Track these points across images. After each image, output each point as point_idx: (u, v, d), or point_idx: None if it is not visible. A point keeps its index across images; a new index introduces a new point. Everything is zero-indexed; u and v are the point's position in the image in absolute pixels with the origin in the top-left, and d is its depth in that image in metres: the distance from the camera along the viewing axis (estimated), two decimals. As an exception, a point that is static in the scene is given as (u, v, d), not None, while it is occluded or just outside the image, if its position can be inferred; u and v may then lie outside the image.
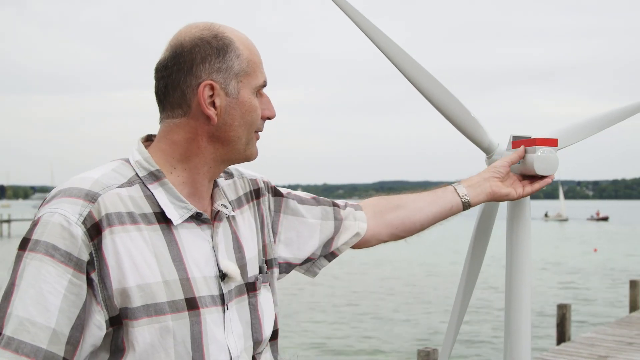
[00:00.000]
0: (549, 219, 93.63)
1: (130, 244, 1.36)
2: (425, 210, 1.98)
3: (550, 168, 2.01)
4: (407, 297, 21.57)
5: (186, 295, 1.40)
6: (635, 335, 11.78)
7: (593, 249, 39.97)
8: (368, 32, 2.07)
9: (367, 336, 15.69)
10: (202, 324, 1.42)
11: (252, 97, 1.52)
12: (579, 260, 33.32)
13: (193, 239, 1.47)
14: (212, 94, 1.47)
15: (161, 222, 1.43)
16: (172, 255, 1.41)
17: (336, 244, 1.88)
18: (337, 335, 15.70)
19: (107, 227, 1.34)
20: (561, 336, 12.21)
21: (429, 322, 17.21)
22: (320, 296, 21.65)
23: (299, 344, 14.63)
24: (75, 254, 1.30)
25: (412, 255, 34.76)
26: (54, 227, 1.31)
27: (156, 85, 1.51)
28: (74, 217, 1.32)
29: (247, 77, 1.51)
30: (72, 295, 1.29)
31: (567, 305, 12.43)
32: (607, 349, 10.70)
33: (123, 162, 1.49)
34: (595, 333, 12.06)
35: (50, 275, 1.28)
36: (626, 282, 18.60)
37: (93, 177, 1.41)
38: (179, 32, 1.51)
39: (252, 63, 1.52)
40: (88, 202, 1.35)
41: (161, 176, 1.47)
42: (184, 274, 1.42)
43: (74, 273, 1.30)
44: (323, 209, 1.88)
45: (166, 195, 1.45)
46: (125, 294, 1.34)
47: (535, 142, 2.02)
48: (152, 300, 1.36)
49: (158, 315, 1.36)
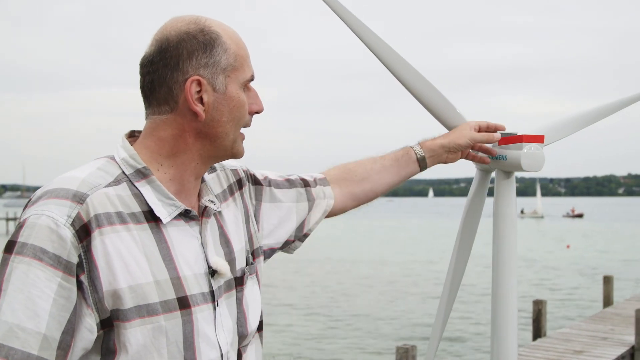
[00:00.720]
0: (525, 216, 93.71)
1: (120, 245, 1.33)
2: (388, 180, 2.04)
3: (536, 164, 2.02)
4: (386, 294, 21.64)
5: (178, 295, 1.38)
6: (609, 330, 11.96)
7: (566, 245, 40.40)
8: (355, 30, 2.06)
9: (346, 334, 15.72)
10: (193, 322, 1.40)
11: (239, 92, 1.49)
12: (554, 256, 33.68)
13: (182, 237, 1.45)
14: (200, 90, 1.44)
15: (150, 221, 1.40)
16: (162, 255, 1.39)
17: (308, 224, 1.90)
18: (316, 334, 15.70)
19: (96, 229, 1.31)
20: (537, 332, 12.34)
21: (408, 319, 17.28)
22: (298, 295, 21.65)
23: (278, 342, 14.61)
24: (65, 257, 1.27)
25: (390, 252, 34.89)
26: (42, 229, 1.27)
27: (141, 81, 1.47)
28: (62, 219, 1.28)
29: (235, 72, 1.48)
30: (62, 299, 1.26)
31: (542, 301, 12.57)
32: (582, 344, 10.85)
33: (108, 160, 1.45)
34: (570, 328, 12.22)
35: (39, 279, 1.25)
36: (600, 278, 18.83)
37: (79, 176, 1.37)
38: (164, 25, 1.47)
39: (240, 57, 1.49)
40: (76, 203, 1.31)
41: (148, 174, 1.44)
42: (175, 272, 1.40)
43: (63, 276, 1.26)
44: (297, 191, 1.89)
45: (154, 193, 1.42)
46: (117, 296, 1.31)
47: (522, 139, 2.03)
48: (144, 301, 1.33)
49: (150, 315, 1.34)
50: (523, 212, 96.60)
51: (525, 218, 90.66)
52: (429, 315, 17.50)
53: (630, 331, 11.48)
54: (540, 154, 2.03)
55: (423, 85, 2.12)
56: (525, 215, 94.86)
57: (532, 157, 2.01)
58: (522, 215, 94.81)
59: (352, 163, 2.04)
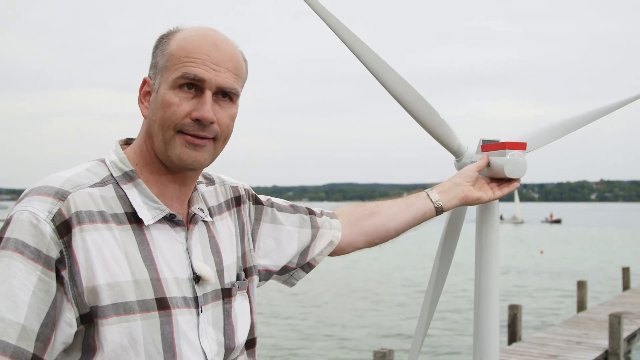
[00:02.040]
0: (504, 222, 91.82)
1: (100, 242, 1.36)
2: (398, 216, 2.00)
3: (519, 171, 2.05)
4: (364, 301, 21.66)
5: (156, 295, 1.40)
6: (583, 334, 12.08)
7: (540, 251, 40.73)
8: (340, 34, 2.08)
9: (324, 338, 15.70)
10: (173, 324, 1.40)
11: (168, 92, 1.45)
12: (529, 262, 33.95)
13: (165, 240, 1.46)
14: (149, 90, 1.50)
15: (132, 223, 1.42)
16: (142, 255, 1.41)
17: (312, 253, 1.89)
18: (292, 342, 15.66)
19: (77, 225, 1.34)
20: (512, 336, 12.43)
21: (385, 324, 17.31)
22: (275, 300, 21.59)
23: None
24: (44, 251, 1.30)
25: (371, 259, 34.97)
26: (24, 224, 1.30)
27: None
28: (43, 215, 1.31)
29: (166, 72, 1.47)
30: (40, 292, 1.28)
31: (518, 306, 12.66)
32: (556, 348, 10.95)
33: (98, 163, 1.49)
34: (545, 333, 12.33)
35: (20, 272, 1.27)
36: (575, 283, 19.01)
37: (65, 176, 1.40)
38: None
39: (173, 57, 1.46)
40: (57, 200, 1.34)
41: (135, 177, 1.46)
42: (155, 274, 1.41)
43: (43, 270, 1.29)
44: (300, 217, 1.88)
45: (139, 196, 1.45)
46: (95, 292, 1.33)
47: (505, 146, 2.06)
48: (122, 299, 1.35)
49: (127, 314, 1.35)
50: (502, 218, 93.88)
51: (504, 224, 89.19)
52: (407, 321, 17.55)
53: (604, 335, 11.61)
54: (522, 161, 2.06)
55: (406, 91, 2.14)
56: (504, 221, 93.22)
57: (515, 163, 2.05)
58: (502, 221, 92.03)
59: (364, 203, 2.05)
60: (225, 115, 1.50)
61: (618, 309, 14.23)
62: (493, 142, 2.13)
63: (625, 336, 11.76)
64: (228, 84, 1.48)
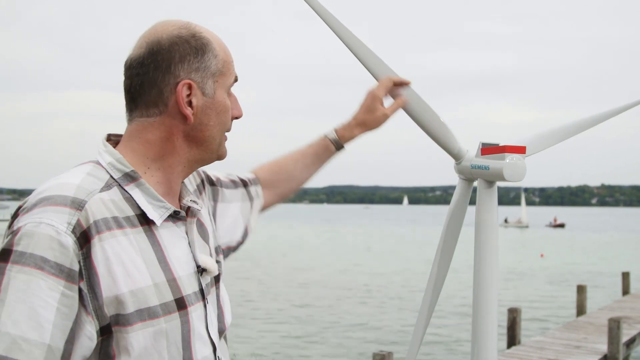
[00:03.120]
0: (509, 225, 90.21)
1: (119, 250, 1.33)
2: (311, 174, 2.14)
3: (518, 174, 2.07)
4: (362, 302, 21.67)
5: (175, 296, 1.39)
6: (582, 338, 12.08)
7: (540, 254, 40.71)
8: (339, 34, 2.13)
9: (322, 340, 15.71)
10: (190, 322, 1.41)
11: (225, 97, 1.52)
12: (529, 265, 33.94)
13: (172, 238, 1.46)
14: (190, 94, 1.45)
15: (143, 224, 1.40)
16: (157, 257, 1.39)
17: (251, 224, 1.97)
18: (291, 341, 15.67)
19: (96, 235, 1.30)
20: (511, 340, 12.43)
21: (384, 326, 17.31)
22: (272, 303, 21.60)
23: (253, 348, 14.56)
24: (67, 265, 1.25)
25: (365, 260, 34.95)
26: (42, 237, 1.25)
27: (128, 83, 1.47)
28: (63, 227, 1.27)
29: (222, 77, 1.51)
30: (65, 307, 1.25)
31: (517, 309, 12.66)
32: (556, 352, 10.95)
33: (95, 165, 1.44)
34: (545, 337, 12.33)
35: (41, 289, 1.22)
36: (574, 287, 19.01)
37: (74, 182, 1.35)
38: (154, 29, 1.48)
39: (227, 63, 1.52)
40: (75, 210, 1.30)
41: (137, 177, 1.43)
42: (170, 274, 1.40)
43: (65, 284, 1.25)
44: (241, 191, 1.95)
45: (143, 196, 1.42)
46: (118, 301, 1.30)
47: (504, 150, 2.08)
48: (145, 304, 1.33)
49: (152, 319, 1.33)
50: (507, 222, 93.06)
51: (509, 227, 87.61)
52: (405, 323, 17.56)
53: (603, 340, 11.60)
54: (522, 164, 2.07)
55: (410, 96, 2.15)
56: (509, 224, 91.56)
57: (514, 167, 2.06)
58: (506, 224, 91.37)
59: (277, 163, 2.11)
60: None
61: (618, 314, 14.21)
62: (493, 146, 2.14)
63: (625, 341, 11.75)
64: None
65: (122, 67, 1.50)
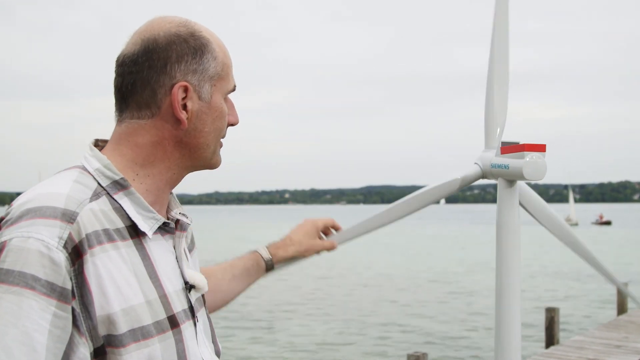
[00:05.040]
0: None
1: (110, 265, 1.23)
2: (238, 289, 2.03)
3: (538, 173, 2.03)
4: (397, 302, 21.58)
5: (167, 314, 1.30)
6: (623, 338, 11.85)
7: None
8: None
9: (356, 341, 15.68)
10: (184, 340, 1.32)
11: (222, 102, 1.43)
12: (569, 264, 33.47)
13: (160, 251, 1.36)
14: (185, 97, 1.36)
15: (133, 237, 1.31)
16: (148, 272, 1.31)
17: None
18: (325, 340, 15.67)
19: (88, 250, 1.20)
20: (550, 339, 12.26)
21: (419, 327, 17.22)
22: (307, 301, 21.62)
23: (285, 348, 14.60)
24: (59, 284, 1.15)
25: (400, 260, 34.82)
26: (30, 254, 1.15)
27: (119, 81, 1.37)
28: (54, 242, 1.16)
29: (221, 81, 1.41)
30: (57, 329, 1.15)
31: (555, 309, 12.48)
32: (595, 352, 10.75)
33: (81, 171, 1.33)
34: (584, 336, 12.12)
35: (33, 310, 1.13)
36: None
37: (62, 192, 1.25)
38: (151, 25, 1.38)
39: (226, 66, 1.43)
40: (66, 223, 1.19)
41: (127, 185, 1.32)
42: (162, 290, 1.31)
43: (57, 304, 1.15)
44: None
45: (133, 206, 1.32)
46: (110, 321, 1.21)
47: (524, 148, 2.04)
48: (138, 323, 1.24)
49: (145, 339, 1.24)
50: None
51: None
52: (441, 322, 17.44)
53: (645, 339, 11.39)
54: (542, 163, 2.03)
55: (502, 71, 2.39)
56: None
57: (534, 165, 2.02)
58: None
59: (205, 270, 1.92)
60: None
61: (660, 312, 13.94)
62: (512, 144, 2.11)
63: (667, 340, 11.52)
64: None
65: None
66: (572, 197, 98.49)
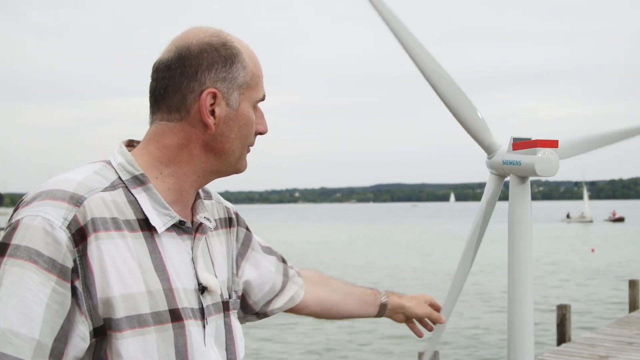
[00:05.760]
0: (571, 221, 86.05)
1: (114, 252, 1.29)
2: (350, 307, 2.05)
3: (550, 169, 2.01)
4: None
5: (170, 307, 1.34)
6: (635, 334, 11.79)
7: (591, 249, 39.90)
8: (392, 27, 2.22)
9: (367, 339, 15.67)
10: (187, 336, 1.35)
11: (250, 110, 1.48)
12: (580, 260, 33.32)
13: (174, 249, 1.40)
14: (214, 103, 1.42)
15: (144, 230, 1.36)
16: (154, 265, 1.35)
17: (275, 303, 1.83)
18: (336, 338, 15.68)
19: (93, 233, 1.27)
20: (561, 337, 12.20)
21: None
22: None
23: (295, 346, 14.61)
24: (60, 261, 1.23)
25: (409, 257, 34.77)
26: (37, 231, 1.23)
27: (154, 85, 1.45)
28: (58, 221, 1.24)
29: (249, 90, 1.47)
30: (55, 304, 1.22)
31: (567, 306, 12.42)
32: (607, 349, 10.71)
33: (105, 165, 1.41)
34: (596, 333, 12.07)
35: (34, 283, 1.20)
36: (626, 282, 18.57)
37: (76, 179, 1.33)
38: (186, 34, 1.46)
39: (256, 77, 1.48)
40: (73, 206, 1.27)
41: (145, 181, 1.39)
42: (167, 284, 1.36)
43: (57, 281, 1.22)
44: (276, 260, 1.85)
45: (149, 202, 1.38)
46: (109, 304, 1.27)
47: (536, 144, 2.03)
48: (136, 311, 1.29)
49: (142, 327, 1.29)
50: (569, 217, 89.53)
51: (571, 223, 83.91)
52: (452, 321, 17.39)
53: (657, 336, 11.33)
54: (554, 159, 2.02)
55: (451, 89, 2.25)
56: (571, 219, 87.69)
57: (547, 162, 2.01)
58: (569, 219, 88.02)
59: (326, 276, 2.07)
60: None
61: (672, 309, 13.86)
62: (524, 140, 2.10)
63: (680, 337, 11.45)
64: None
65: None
66: (587, 193, 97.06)
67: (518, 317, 2.14)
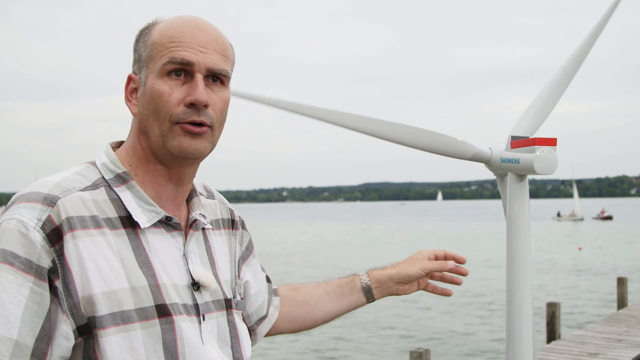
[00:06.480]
0: (562, 219, 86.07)
1: (93, 249, 1.28)
2: (328, 307, 1.91)
3: (549, 167, 2.02)
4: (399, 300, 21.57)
5: (156, 302, 1.32)
6: (623, 332, 11.87)
7: (578, 247, 40.09)
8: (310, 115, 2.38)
9: (359, 338, 15.69)
10: (176, 331, 1.33)
11: (156, 81, 1.39)
12: (568, 259, 33.49)
13: (162, 245, 1.39)
14: (135, 87, 1.44)
15: (127, 227, 1.35)
16: (139, 261, 1.34)
17: (263, 327, 1.79)
18: (327, 338, 15.68)
19: (69, 232, 1.27)
20: (551, 334, 12.27)
21: (421, 323, 17.23)
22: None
23: (289, 346, 14.61)
24: (35, 261, 1.23)
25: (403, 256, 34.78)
26: (12, 233, 1.24)
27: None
28: (32, 222, 1.24)
29: (152, 62, 1.40)
30: (34, 304, 1.22)
31: (556, 304, 12.49)
32: (596, 346, 10.78)
33: (89, 165, 1.42)
34: (585, 331, 12.14)
35: (10, 284, 1.21)
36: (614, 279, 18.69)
37: (53, 180, 1.33)
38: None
39: (158, 45, 1.40)
40: (47, 206, 1.27)
41: (128, 179, 1.40)
42: (153, 280, 1.34)
43: (35, 281, 1.22)
44: (266, 279, 1.82)
45: (134, 199, 1.38)
46: (91, 302, 1.26)
47: (535, 142, 2.03)
48: (119, 308, 1.28)
49: (126, 323, 1.28)
50: (560, 215, 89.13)
51: (562, 221, 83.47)
52: (443, 320, 17.46)
53: (645, 333, 11.40)
54: (553, 157, 2.02)
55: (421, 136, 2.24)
56: (562, 218, 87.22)
57: (545, 160, 2.01)
58: (559, 218, 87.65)
59: (297, 285, 1.96)
60: (218, 100, 1.43)
61: (660, 306, 13.96)
62: (522, 138, 2.11)
63: (668, 333, 11.53)
64: (218, 65, 1.41)
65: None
66: (577, 191, 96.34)
67: (518, 313, 2.15)
